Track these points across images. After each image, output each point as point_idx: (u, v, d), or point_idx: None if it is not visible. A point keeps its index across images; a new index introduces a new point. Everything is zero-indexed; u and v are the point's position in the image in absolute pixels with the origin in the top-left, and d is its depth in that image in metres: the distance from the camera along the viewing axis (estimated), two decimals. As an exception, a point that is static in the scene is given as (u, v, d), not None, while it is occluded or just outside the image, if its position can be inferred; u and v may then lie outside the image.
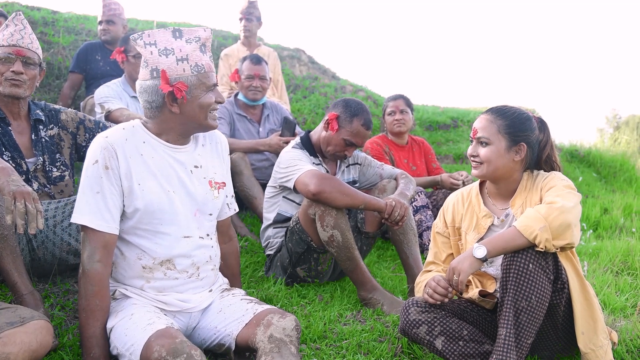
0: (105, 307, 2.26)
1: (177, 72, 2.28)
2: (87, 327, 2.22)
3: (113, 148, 2.27)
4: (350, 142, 3.49)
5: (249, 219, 4.72)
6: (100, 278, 2.23)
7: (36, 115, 2.94)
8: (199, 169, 2.46)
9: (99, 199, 2.24)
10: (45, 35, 6.62)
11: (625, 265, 4.02)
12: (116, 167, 2.26)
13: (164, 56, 2.29)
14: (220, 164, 2.58)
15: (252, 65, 4.71)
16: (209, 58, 2.37)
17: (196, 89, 2.31)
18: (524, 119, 2.54)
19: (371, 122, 3.52)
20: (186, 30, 2.37)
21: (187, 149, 2.45)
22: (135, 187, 2.29)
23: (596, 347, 2.38)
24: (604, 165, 7.82)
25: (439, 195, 4.74)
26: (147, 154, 2.34)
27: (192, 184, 2.41)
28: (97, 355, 2.21)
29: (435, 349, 2.45)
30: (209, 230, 2.50)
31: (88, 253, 2.24)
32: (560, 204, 2.29)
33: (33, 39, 2.85)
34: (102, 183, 2.24)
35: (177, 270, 2.37)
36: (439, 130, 8.15)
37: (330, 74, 9.17)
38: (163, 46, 2.31)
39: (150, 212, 2.30)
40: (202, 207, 2.44)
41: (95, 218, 2.23)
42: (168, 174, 2.36)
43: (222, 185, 2.54)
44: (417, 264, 3.39)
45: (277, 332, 2.20)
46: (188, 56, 2.30)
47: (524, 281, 2.25)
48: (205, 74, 2.33)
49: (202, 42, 2.36)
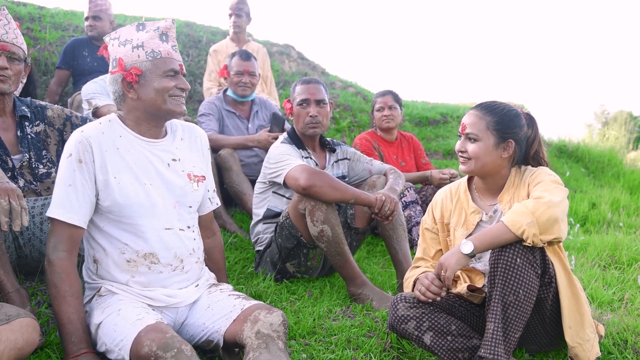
0: (76, 292, 2.26)
1: (132, 58, 2.36)
2: (61, 313, 2.22)
3: (88, 142, 2.29)
4: (302, 101, 3.55)
5: (238, 215, 4.71)
6: (65, 265, 2.26)
7: (22, 111, 2.91)
8: (177, 162, 2.48)
9: (71, 192, 2.27)
10: (32, 31, 6.57)
11: (612, 259, 4.05)
12: (90, 162, 2.29)
13: (122, 46, 2.39)
14: (200, 158, 2.60)
15: (241, 61, 4.70)
16: (170, 47, 2.41)
17: (151, 74, 2.35)
18: (512, 116, 2.54)
19: (310, 79, 3.63)
20: (149, 22, 2.43)
21: (164, 142, 2.48)
22: (112, 181, 2.30)
23: (583, 341, 2.39)
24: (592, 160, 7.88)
25: (428, 190, 4.74)
26: (123, 148, 2.36)
27: (170, 177, 2.43)
28: (77, 339, 2.20)
29: (424, 344, 2.46)
30: (190, 223, 2.52)
31: (53, 244, 2.26)
32: (547, 198, 2.30)
33: (17, 34, 2.82)
34: (75, 176, 2.27)
35: (161, 263, 2.38)
36: (429, 126, 8.16)
37: (319, 70, 9.17)
38: (124, 38, 2.40)
39: (128, 205, 2.32)
40: (181, 200, 2.46)
41: (66, 211, 2.26)
42: (145, 167, 2.39)
43: (201, 179, 2.55)
44: (406, 260, 3.40)
45: (265, 327, 2.19)
46: (144, 43, 2.37)
47: (512, 276, 2.26)
48: (162, 59, 2.37)
49: (162, 30, 2.41)
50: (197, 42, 7.78)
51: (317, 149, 3.69)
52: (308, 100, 3.53)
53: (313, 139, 3.64)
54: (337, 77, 9.04)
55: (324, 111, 3.57)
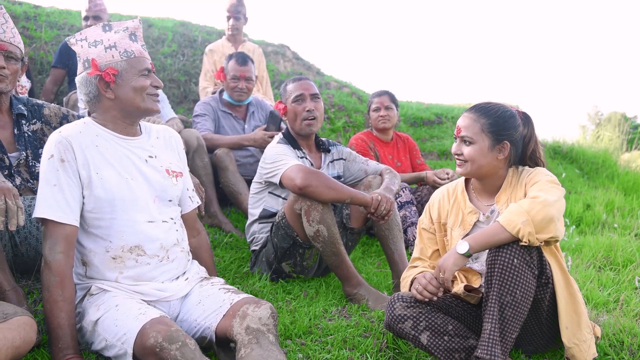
0: (69, 298, 2.27)
1: (106, 58, 2.39)
2: (52, 317, 2.23)
3: (68, 141, 2.32)
4: (297, 97, 3.54)
5: (233, 214, 4.71)
6: (62, 269, 2.26)
7: (18, 109, 2.90)
8: (154, 158, 2.53)
9: (57, 192, 2.27)
10: (27, 30, 6.55)
11: (607, 260, 4.06)
12: (72, 159, 2.31)
13: (93, 47, 2.41)
14: (175, 157, 2.65)
15: (237, 66, 4.69)
16: (140, 46, 2.46)
17: (127, 73, 2.40)
18: (507, 117, 2.54)
19: (300, 77, 3.65)
20: (115, 23, 2.47)
21: (140, 140, 2.52)
22: (94, 176, 2.33)
23: (580, 342, 2.40)
24: (586, 161, 7.89)
25: (424, 191, 4.75)
26: (102, 145, 2.39)
27: (149, 172, 2.47)
28: (64, 345, 2.21)
29: (421, 344, 2.46)
30: (172, 215, 2.55)
31: (49, 245, 2.27)
32: (542, 197, 2.30)
33: (15, 33, 2.81)
34: (59, 175, 2.28)
35: (147, 255, 2.40)
36: (424, 126, 8.16)
37: (314, 70, 9.16)
38: (92, 39, 2.42)
39: (111, 199, 2.34)
40: (160, 194, 2.49)
41: (54, 210, 2.26)
42: (124, 162, 2.42)
43: (179, 174, 2.60)
44: (402, 260, 3.40)
45: (254, 322, 2.21)
46: (116, 43, 2.40)
47: (509, 276, 2.26)
48: (135, 59, 2.42)
49: (131, 31, 2.46)
50: (192, 41, 7.77)
51: (313, 149, 3.69)
52: (303, 95, 3.54)
53: (308, 139, 3.64)
54: (332, 77, 9.03)
55: (319, 105, 3.59)
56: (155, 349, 2.01)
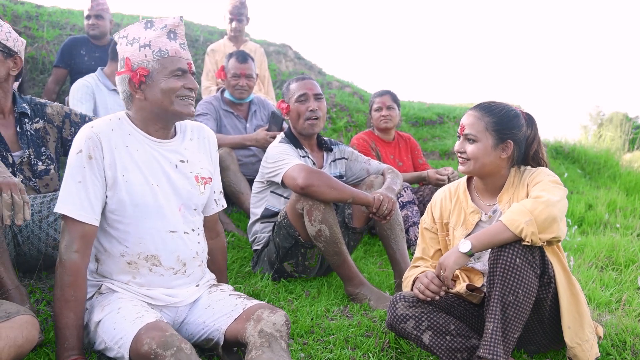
0: (80, 298, 2.24)
1: (139, 58, 2.30)
2: (61, 317, 2.21)
3: (98, 138, 2.26)
4: (300, 96, 3.53)
5: (235, 214, 4.71)
6: (76, 268, 2.23)
7: (21, 108, 2.91)
8: (185, 163, 2.45)
9: (81, 189, 2.23)
10: (29, 29, 6.54)
11: (609, 260, 4.05)
12: (100, 158, 2.25)
13: (130, 45, 2.33)
14: (208, 160, 2.57)
15: (238, 63, 4.68)
16: (178, 45, 2.36)
17: (158, 74, 2.30)
18: (511, 117, 2.54)
19: (304, 76, 3.65)
20: (157, 20, 2.37)
21: (173, 142, 2.44)
22: (119, 178, 2.27)
23: (582, 341, 2.40)
24: (588, 161, 7.88)
25: (425, 191, 4.75)
26: (132, 146, 2.33)
27: (177, 179, 2.40)
28: (70, 346, 2.20)
29: (423, 343, 2.46)
30: (195, 225, 2.48)
31: (66, 243, 2.23)
32: (545, 197, 2.30)
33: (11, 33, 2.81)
34: (85, 173, 2.23)
35: (162, 266, 2.36)
36: (425, 126, 8.16)
37: (316, 69, 9.16)
38: (132, 37, 2.34)
39: (134, 204, 2.29)
40: (186, 202, 2.43)
41: (76, 208, 2.22)
42: (153, 167, 2.35)
43: (208, 181, 2.52)
44: (404, 259, 3.40)
45: (268, 327, 2.19)
46: (151, 42, 2.31)
47: (511, 276, 2.26)
48: (169, 58, 2.32)
49: (170, 28, 2.35)
50: (194, 41, 7.76)
51: (315, 148, 3.69)
52: (306, 94, 3.53)
53: (310, 138, 3.64)
54: (333, 77, 9.03)
55: (322, 105, 3.58)
56: (150, 356, 1.99)
